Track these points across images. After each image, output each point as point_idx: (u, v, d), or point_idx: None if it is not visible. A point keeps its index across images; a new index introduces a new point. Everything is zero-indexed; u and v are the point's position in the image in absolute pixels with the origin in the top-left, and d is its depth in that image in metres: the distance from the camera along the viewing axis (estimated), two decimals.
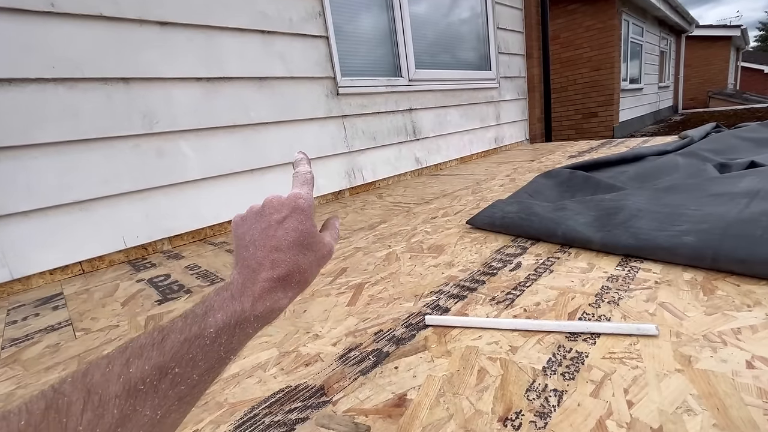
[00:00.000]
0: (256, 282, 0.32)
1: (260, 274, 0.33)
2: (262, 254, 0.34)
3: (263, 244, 0.34)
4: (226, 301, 0.31)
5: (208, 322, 0.29)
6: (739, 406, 0.41)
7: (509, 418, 0.44)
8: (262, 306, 0.32)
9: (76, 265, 1.29)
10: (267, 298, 0.32)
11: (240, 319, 0.31)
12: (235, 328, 0.30)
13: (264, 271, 0.33)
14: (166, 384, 0.26)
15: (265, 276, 0.33)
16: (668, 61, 9.08)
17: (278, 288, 0.33)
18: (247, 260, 0.34)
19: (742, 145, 1.68)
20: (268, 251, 0.34)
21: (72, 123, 1.21)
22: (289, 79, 1.75)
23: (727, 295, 0.62)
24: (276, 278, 0.33)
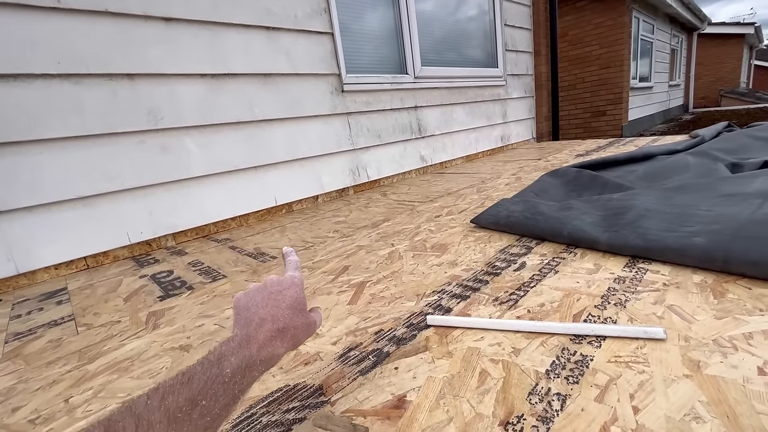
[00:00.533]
0: (260, 332, 0.39)
1: (263, 326, 0.40)
2: (264, 312, 0.41)
3: (266, 305, 0.42)
4: (235, 349, 0.37)
5: (224, 365, 0.34)
6: (750, 414, 0.39)
7: (510, 423, 0.42)
8: (265, 352, 0.38)
9: (80, 260, 1.29)
10: (269, 346, 0.39)
11: (249, 363, 0.36)
12: (245, 370, 0.36)
13: (266, 324, 0.40)
14: (196, 414, 0.30)
15: (268, 327, 0.40)
16: (679, 59, 8.93)
17: (277, 338, 0.40)
18: (249, 319, 0.41)
19: (755, 145, 1.64)
20: (270, 309, 0.42)
21: (77, 119, 1.22)
22: (294, 75, 1.75)
23: (738, 299, 0.60)
24: (276, 329, 0.40)
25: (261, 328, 0.40)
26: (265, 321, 0.40)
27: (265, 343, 0.39)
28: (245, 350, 0.37)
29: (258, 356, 0.37)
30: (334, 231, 1.35)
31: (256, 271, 1.05)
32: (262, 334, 0.39)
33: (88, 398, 0.58)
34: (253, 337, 0.38)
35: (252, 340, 0.38)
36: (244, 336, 0.38)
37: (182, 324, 0.78)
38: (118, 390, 0.59)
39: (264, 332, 0.39)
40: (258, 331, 0.39)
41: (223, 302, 0.86)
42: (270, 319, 0.41)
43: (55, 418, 0.55)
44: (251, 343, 0.38)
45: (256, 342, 0.38)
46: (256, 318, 0.41)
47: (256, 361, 0.37)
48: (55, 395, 0.60)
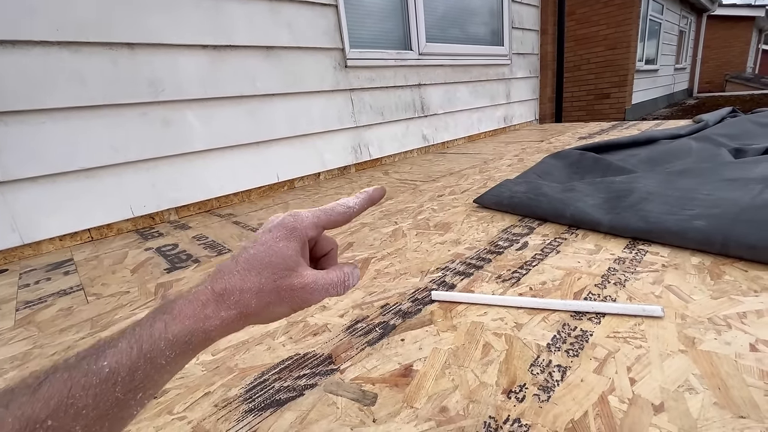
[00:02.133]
0: (182, 296, 0.28)
1: (194, 289, 0.28)
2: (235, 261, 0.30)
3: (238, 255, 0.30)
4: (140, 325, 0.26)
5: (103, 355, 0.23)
6: (740, 387, 0.42)
7: (513, 391, 0.45)
8: (177, 326, 0.26)
9: (84, 232, 1.30)
10: (189, 316, 0.26)
11: (145, 347, 0.24)
12: (138, 360, 0.24)
13: (201, 285, 0.29)
14: None
15: (197, 289, 0.28)
16: (687, 42, 8.76)
17: (209, 303, 0.27)
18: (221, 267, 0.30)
19: (759, 131, 1.64)
20: (222, 264, 0.30)
21: (78, 88, 1.20)
22: (297, 49, 1.71)
23: (734, 280, 0.62)
24: (210, 291, 0.28)
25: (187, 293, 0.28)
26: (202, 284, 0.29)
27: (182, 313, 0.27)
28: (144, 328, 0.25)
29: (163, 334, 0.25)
30: None
31: None
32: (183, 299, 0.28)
33: None
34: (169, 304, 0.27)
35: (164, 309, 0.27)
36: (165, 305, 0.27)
37: None
38: None
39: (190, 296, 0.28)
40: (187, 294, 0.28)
41: None
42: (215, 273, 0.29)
43: None
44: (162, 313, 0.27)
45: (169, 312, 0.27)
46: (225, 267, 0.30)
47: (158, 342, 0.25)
48: None
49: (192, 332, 0.26)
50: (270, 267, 0.29)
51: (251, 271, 0.29)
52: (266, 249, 0.30)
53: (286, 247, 0.30)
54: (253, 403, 0.48)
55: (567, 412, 0.41)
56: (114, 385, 0.23)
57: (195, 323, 0.27)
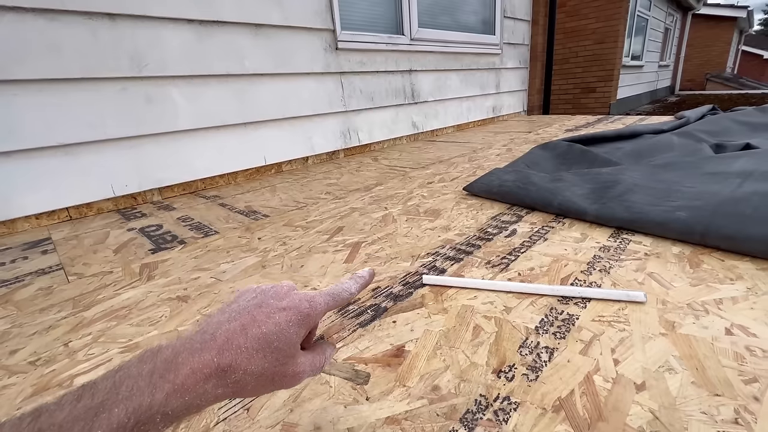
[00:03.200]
0: (190, 360, 0.25)
1: (203, 354, 0.26)
2: (224, 329, 0.27)
3: (238, 316, 0.29)
4: (139, 386, 0.23)
5: (99, 421, 0.21)
6: (716, 368, 0.44)
7: (503, 371, 0.46)
8: (178, 400, 0.24)
9: (62, 211, 1.25)
10: (190, 390, 0.24)
11: (142, 417, 0.22)
12: (134, 429, 0.22)
13: (207, 351, 0.26)
14: None
15: (203, 358, 0.25)
16: (671, 39, 8.91)
17: (212, 377, 0.25)
18: (203, 329, 0.28)
19: (737, 129, 1.69)
20: (234, 325, 0.28)
21: (54, 60, 1.14)
22: (287, 28, 1.66)
23: (712, 269, 0.65)
24: (215, 364, 0.25)
25: (199, 353, 0.26)
26: (209, 345, 0.26)
27: (185, 385, 0.24)
28: (145, 396, 0.23)
29: (162, 407, 0.23)
30: (326, 193, 1.35)
31: (248, 228, 1.05)
32: (187, 367, 0.25)
33: (88, 343, 0.59)
34: (172, 369, 0.24)
35: (168, 375, 0.24)
36: (167, 359, 0.25)
37: (177, 276, 0.79)
38: (119, 336, 0.60)
39: (193, 363, 0.25)
40: (189, 357, 0.25)
41: (218, 257, 0.87)
42: (219, 344, 0.26)
43: (57, 360, 0.55)
44: (165, 378, 0.24)
45: (171, 381, 0.24)
46: (206, 334, 0.27)
47: (156, 416, 0.23)
48: (53, 339, 0.60)
49: (189, 407, 0.24)
50: (277, 352, 0.28)
51: (259, 353, 0.27)
52: (278, 332, 0.28)
53: (296, 333, 0.29)
54: None
55: (554, 391, 0.42)
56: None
57: (194, 398, 0.25)
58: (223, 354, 0.26)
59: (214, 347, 0.26)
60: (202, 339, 0.27)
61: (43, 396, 0.48)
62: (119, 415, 0.22)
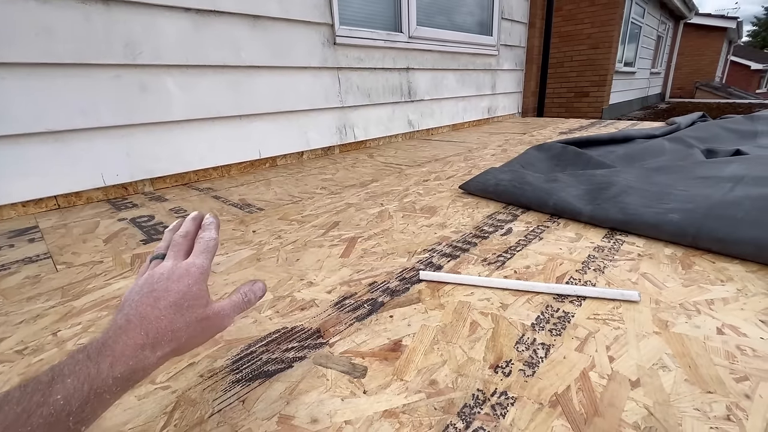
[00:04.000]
0: (119, 340, 0.30)
1: (126, 333, 0.31)
2: (132, 311, 0.32)
3: (138, 301, 0.33)
4: (79, 364, 0.27)
5: (55, 389, 0.25)
6: (708, 366, 0.45)
7: (500, 366, 0.46)
8: (122, 366, 0.29)
9: (51, 199, 1.23)
10: (129, 357, 0.29)
11: (95, 384, 0.27)
12: (89, 394, 0.26)
13: (131, 329, 0.31)
14: None
15: (131, 334, 0.30)
16: (663, 47, 9.06)
17: (146, 346, 0.30)
18: (115, 320, 0.32)
19: (726, 136, 1.73)
20: (139, 308, 0.32)
21: (45, 43, 1.11)
22: (285, 21, 1.65)
23: (703, 270, 0.66)
24: (143, 335, 0.31)
25: (122, 333, 0.30)
26: (130, 323, 0.31)
27: (124, 353, 0.29)
28: (91, 366, 0.27)
29: (111, 373, 0.28)
30: (321, 188, 1.34)
31: (243, 221, 1.03)
32: (120, 342, 0.30)
33: (78, 332, 0.57)
34: (107, 347, 0.29)
35: (104, 351, 0.29)
36: (96, 345, 0.29)
37: None
38: None
39: (124, 338, 0.30)
40: (117, 336, 0.30)
41: None
42: (137, 321, 0.31)
43: (45, 350, 0.54)
44: (102, 354, 0.28)
45: (110, 353, 0.29)
46: (121, 320, 0.32)
47: (108, 379, 0.27)
48: (40, 328, 0.59)
49: (134, 370, 0.30)
50: (193, 308, 0.35)
51: (177, 314, 0.33)
52: (185, 293, 0.35)
53: (199, 289, 0.36)
54: (240, 374, 0.47)
55: (551, 386, 0.43)
56: (68, 415, 0.25)
57: (137, 363, 0.30)
58: (146, 326, 0.31)
59: (135, 326, 0.31)
60: (117, 326, 0.31)
61: None
62: (72, 383, 0.26)
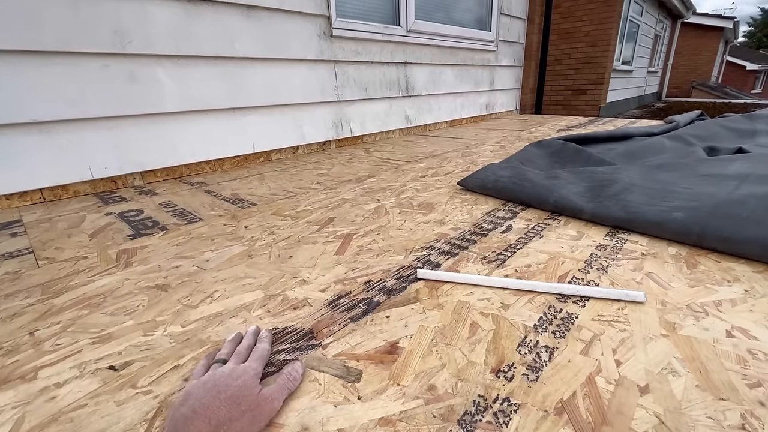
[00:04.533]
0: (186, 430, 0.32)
1: (192, 423, 0.33)
2: (197, 404, 0.35)
3: (203, 395, 0.36)
4: None
5: None
6: (719, 371, 0.43)
7: (502, 370, 0.44)
8: None
9: (36, 192, 1.19)
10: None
11: None
12: None
13: (197, 419, 0.33)
14: None
15: (197, 423, 0.33)
16: (660, 46, 9.07)
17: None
18: (179, 411, 0.35)
19: (725, 135, 1.71)
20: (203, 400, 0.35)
21: (29, 30, 1.06)
22: (280, 11, 1.61)
23: (708, 270, 0.64)
24: (207, 423, 0.33)
25: (189, 425, 0.33)
26: (196, 415, 0.34)
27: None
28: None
29: None
30: (316, 183, 1.31)
31: (234, 216, 1.00)
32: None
33: (56, 332, 0.54)
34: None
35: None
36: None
37: (157, 263, 0.74)
38: (91, 325, 0.55)
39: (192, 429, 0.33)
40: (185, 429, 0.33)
41: (201, 245, 0.82)
42: (202, 412, 0.34)
43: (20, 351, 0.51)
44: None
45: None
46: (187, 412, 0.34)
47: None
48: (17, 327, 0.56)
49: None
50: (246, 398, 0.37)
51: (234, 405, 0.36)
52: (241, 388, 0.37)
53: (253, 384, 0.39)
54: None
55: (556, 392, 0.40)
56: None
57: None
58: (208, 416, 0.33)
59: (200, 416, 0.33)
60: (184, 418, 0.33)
61: (2, 389, 0.44)
62: None
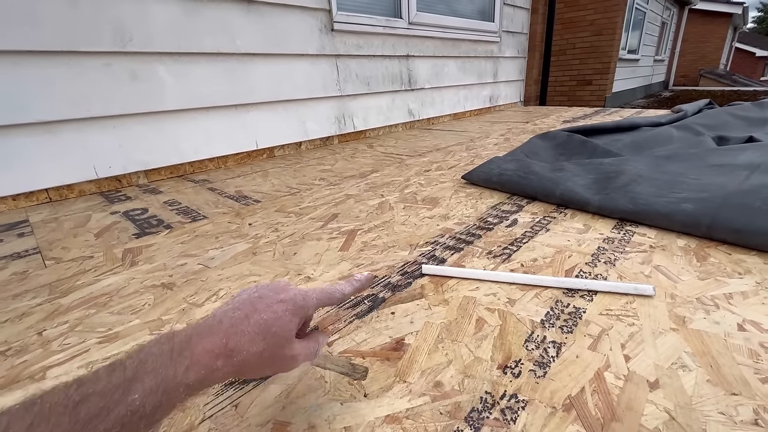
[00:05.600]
0: (202, 340, 0.29)
1: (211, 335, 0.30)
2: (229, 316, 0.32)
3: (241, 305, 0.33)
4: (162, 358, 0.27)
5: (134, 387, 0.25)
6: (731, 365, 0.42)
7: (509, 366, 0.43)
8: (195, 374, 0.28)
9: (41, 192, 1.19)
10: (204, 366, 0.28)
11: (169, 388, 0.26)
12: (162, 398, 0.26)
13: (217, 333, 0.30)
14: None
15: (215, 339, 0.30)
16: (667, 34, 8.90)
17: (220, 356, 0.29)
18: (215, 313, 0.33)
19: (735, 123, 1.68)
20: (237, 314, 0.32)
21: (30, 30, 1.06)
22: (281, 6, 1.59)
23: (719, 263, 0.63)
24: (223, 343, 0.30)
25: (209, 336, 0.30)
26: (218, 328, 0.30)
27: (201, 360, 0.28)
28: (169, 367, 0.27)
29: (183, 379, 0.27)
30: (320, 179, 1.30)
31: (239, 213, 1.00)
32: (203, 345, 0.29)
33: (64, 332, 0.55)
34: (191, 345, 0.29)
35: (184, 352, 0.28)
36: (183, 339, 0.29)
37: (163, 262, 0.74)
38: (98, 324, 0.56)
39: (207, 343, 0.29)
40: (202, 337, 0.29)
41: (206, 242, 0.83)
42: (225, 328, 0.30)
43: (29, 350, 0.51)
44: (182, 355, 0.28)
45: (189, 356, 0.28)
46: (214, 319, 0.31)
47: (180, 386, 0.27)
48: (25, 327, 0.56)
49: (203, 380, 0.28)
50: (275, 337, 0.32)
51: (259, 336, 0.31)
52: (276, 319, 0.32)
53: (291, 321, 0.33)
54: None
55: (564, 388, 0.40)
56: (140, 418, 0.24)
57: (208, 373, 0.29)
58: (229, 337, 0.30)
59: (221, 331, 0.30)
60: (210, 324, 0.31)
61: (12, 389, 0.44)
62: (150, 383, 0.25)
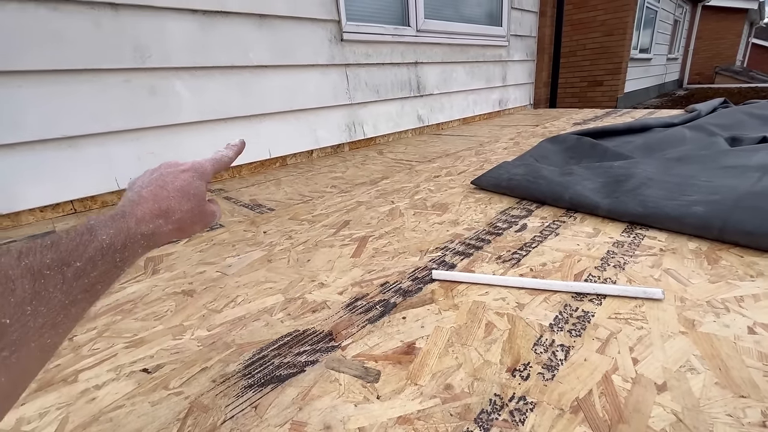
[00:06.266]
0: (136, 208, 0.36)
1: (142, 204, 0.36)
2: (146, 191, 0.37)
3: (149, 183, 0.38)
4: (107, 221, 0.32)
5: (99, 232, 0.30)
6: (740, 368, 0.42)
7: (518, 369, 0.45)
8: (145, 227, 0.35)
9: (67, 204, 1.25)
10: (149, 221, 0.35)
11: (129, 235, 0.33)
12: (126, 240, 0.32)
13: (146, 202, 0.36)
14: (71, 273, 0.27)
15: (147, 205, 0.36)
16: (680, 32, 8.75)
17: (159, 216, 0.36)
18: (128, 196, 0.38)
19: (751, 122, 1.65)
20: (152, 188, 0.38)
21: (57, 50, 1.12)
22: (292, 19, 1.64)
23: (731, 266, 0.63)
24: (156, 208, 0.37)
25: (139, 204, 0.36)
26: (144, 199, 0.37)
27: (144, 218, 0.35)
28: (120, 222, 0.33)
29: (137, 230, 0.34)
30: (331, 186, 1.33)
31: (254, 221, 1.03)
32: (139, 209, 0.36)
33: (93, 337, 0.58)
34: (128, 212, 0.35)
35: (128, 215, 0.34)
36: (118, 211, 0.35)
37: (183, 270, 0.78)
38: (124, 330, 0.59)
39: (142, 207, 0.36)
40: (135, 206, 0.36)
41: (223, 251, 0.86)
42: (151, 197, 0.37)
43: (61, 355, 0.54)
44: (126, 216, 0.34)
45: (133, 216, 0.35)
46: (135, 195, 0.37)
47: (136, 234, 0.34)
48: None
49: (153, 232, 0.36)
50: (196, 197, 0.40)
51: (184, 198, 0.39)
52: (188, 184, 0.40)
53: (201, 185, 0.42)
54: (252, 379, 0.46)
55: (572, 391, 0.41)
56: (114, 252, 0.31)
57: (155, 228, 0.36)
58: (159, 202, 0.37)
59: (148, 200, 0.36)
60: (133, 199, 0.36)
61: (47, 391, 0.47)
62: (110, 231, 0.31)
